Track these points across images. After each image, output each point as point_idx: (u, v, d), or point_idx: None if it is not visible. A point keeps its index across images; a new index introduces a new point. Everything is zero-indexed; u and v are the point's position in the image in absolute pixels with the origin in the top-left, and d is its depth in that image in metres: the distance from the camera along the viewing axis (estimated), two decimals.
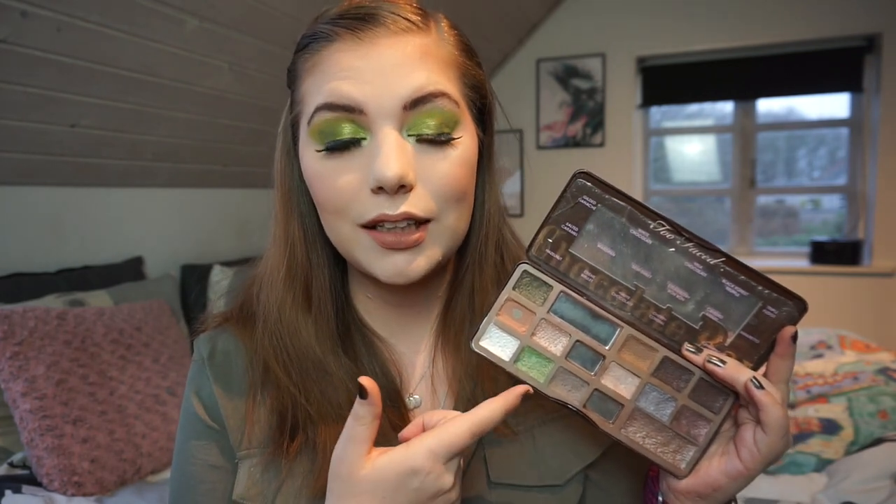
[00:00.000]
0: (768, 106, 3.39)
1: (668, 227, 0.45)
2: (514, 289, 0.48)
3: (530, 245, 0.48)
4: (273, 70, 2.16)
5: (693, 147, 3.66)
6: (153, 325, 1.77)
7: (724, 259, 0.45)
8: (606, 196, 0.46)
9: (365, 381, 0.44)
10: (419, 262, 0.50)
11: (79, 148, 1.85)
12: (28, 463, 1.42)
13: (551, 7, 3.46)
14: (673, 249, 0.46)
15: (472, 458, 0.54)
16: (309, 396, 0.54)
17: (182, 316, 2.12)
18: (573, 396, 0.47)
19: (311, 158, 0.51)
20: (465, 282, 0.57)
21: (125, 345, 1.63)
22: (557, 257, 0.47)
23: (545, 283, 0.48)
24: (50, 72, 1.57)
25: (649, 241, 0.46)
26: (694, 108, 3.60)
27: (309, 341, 0.55)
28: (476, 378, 0.55)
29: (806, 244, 3.31)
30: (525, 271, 0.48)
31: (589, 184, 0.46)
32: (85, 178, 1.98)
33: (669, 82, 3.41)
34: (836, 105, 3.27)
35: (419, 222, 0.49)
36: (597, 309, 0.47)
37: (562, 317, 0.48)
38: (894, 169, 3.00)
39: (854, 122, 3.19)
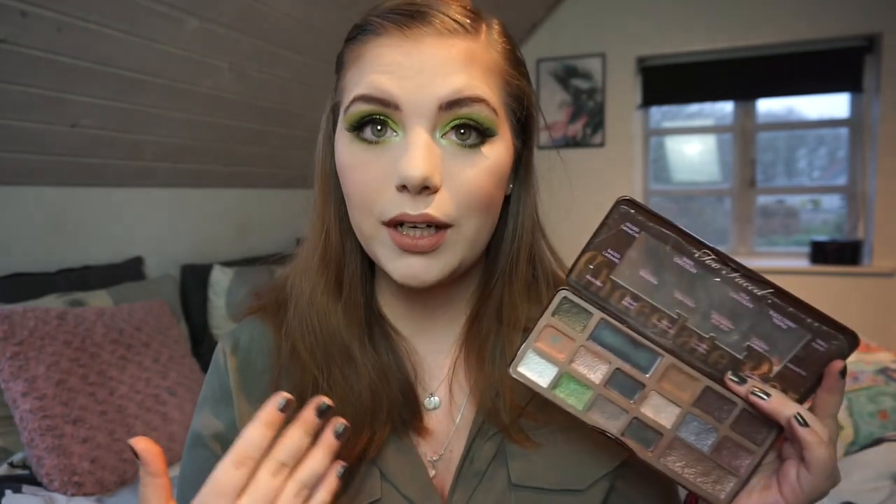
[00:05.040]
0: (768, 106, 3.39)
1: (713, 256, 0.45)
2: (553, 315, 0.47)
3: (570, 270, 0.47)
4: (273, 70, 2.16)
5: (693, 147, 3.67)
6: (153, 325, 1.77)
7: (771, 290, 0.44)
8: (650, 224, 0.45)
9: (136, 442, 0.41)
10: (434, 268, 0.49)
11: (79, 148, 1.85)
12: (28, 463, 1.42)
13: (551, 7, 3.46)
14: (718, 279, 0.45)
15: (494, 459, 0.54)
16: (331, 380, 0.54)
17: (182, 316, 2.11)
18: (612, 424, 0.47)
19: (343, 147, 0.51)
20: (493, 294, 0.57)
21: (125, 345, 1.63)
22: (598, 283, 0.47)
23: (585, 310, 0.47)
24: (50, 72, 1.57)
25: (694, 271, 0.45)
26: (694, 108, 3.60)
27: (337, 326, 0.55)
28: (498, 389, 0.54)
29: (806, 244, 3.31)
30: (565, 297, 0.47)
31: (632, 211, 0.45)
32: (85, 178, 1.98)
33: (669, 82, 3.41)
34: (836, 105, 3.27)
35: (438, 226, 0.49)
36: (637, 337, 0.47)
37: (601, 344, 0.47)
38: (894, 169, 3.00)
39: (854, 122, 3.19)
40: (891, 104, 2.98)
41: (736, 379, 0.44)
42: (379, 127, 0.49)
